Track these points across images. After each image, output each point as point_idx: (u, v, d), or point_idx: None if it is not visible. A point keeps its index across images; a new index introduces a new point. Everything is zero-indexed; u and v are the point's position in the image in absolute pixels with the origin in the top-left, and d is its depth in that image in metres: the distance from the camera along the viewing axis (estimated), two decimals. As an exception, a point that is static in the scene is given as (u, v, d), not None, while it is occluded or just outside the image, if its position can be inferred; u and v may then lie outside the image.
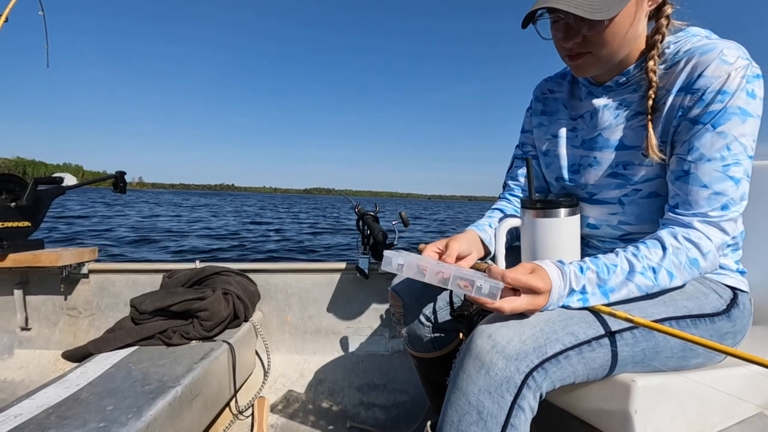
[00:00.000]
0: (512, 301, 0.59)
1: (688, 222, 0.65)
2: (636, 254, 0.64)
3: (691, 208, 0.65)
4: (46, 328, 1.53)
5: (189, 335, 1.17)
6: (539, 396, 0.60)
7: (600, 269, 0.63)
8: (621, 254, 0.65)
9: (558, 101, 0.89)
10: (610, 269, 0.63)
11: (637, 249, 0.65)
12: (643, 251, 0.64)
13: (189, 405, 0.95)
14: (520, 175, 0.98)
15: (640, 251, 0.64)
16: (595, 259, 0.64)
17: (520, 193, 0.97)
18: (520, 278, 0.59)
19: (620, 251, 0.65)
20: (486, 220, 0.92)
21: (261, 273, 1.54)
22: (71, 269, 1.49)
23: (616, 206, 0.76)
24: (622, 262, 0.64)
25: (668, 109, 0.68)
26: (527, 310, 0.61)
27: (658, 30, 0.70)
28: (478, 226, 0.89)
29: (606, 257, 0.65)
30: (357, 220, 1.56)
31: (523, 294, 0.60)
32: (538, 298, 0.60)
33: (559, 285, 0.62)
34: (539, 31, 0.72)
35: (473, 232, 0.85)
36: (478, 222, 0.91)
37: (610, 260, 0.64)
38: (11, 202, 1.37)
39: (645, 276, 0.63)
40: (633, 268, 0.63)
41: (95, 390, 0.90)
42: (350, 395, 1.41)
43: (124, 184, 1.69)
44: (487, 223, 0.91)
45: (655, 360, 0.66)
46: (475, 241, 0.84)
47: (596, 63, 0.71)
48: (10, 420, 0.78)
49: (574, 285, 0.62)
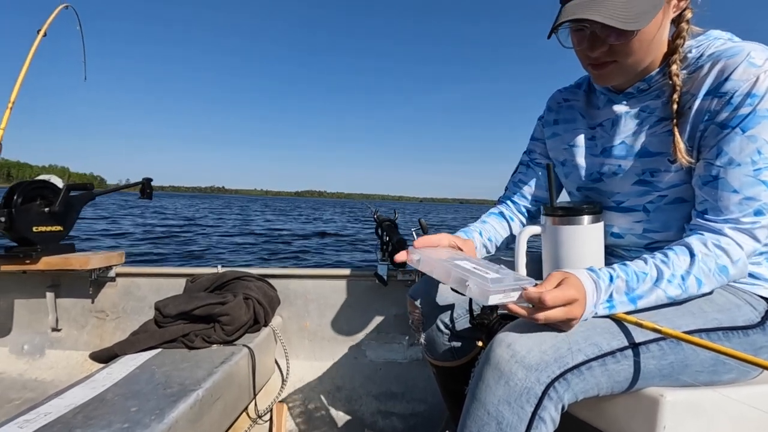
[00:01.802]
0: (546, 313, 0.57)
1: (719, 228, 0.63)
2: (665, 261, 0.62)
3: (722, 214, 0.63)
4: (75, 330, 1.58)
5: (210, 339, 1.19)
6: (561, 408, 0.59)
7: (629, 277, 0.61)
8: (650, 261, 0.63)
9: (574, 110, 0.87)
10: (639, 277, 0.61)
11: (666, 256, 0.63)
12: (672, 258, 0.62)
13: (209, 408, 0.96)
14: (522, 181, 0.97)
15: (669, 259, 0.62)
16: (624, 267, 0.63)
17: (519, 200, 0.96)
18: (557, 295, 0.56)
19: (649, 258, 0.64)
20: (477, 226, 0.91)
21: (281, 278, 1.55)
22: (99, 272, 1.54)
23: (640, 213, 0.75)
24: (651, 270, 0.62)
25: (694, 113, 0.66)
26: (564, 320, 0.58)
27: (679, 34, 0.69)
28: (466, 232, 0.87)
29: (635, 264, 0.63)
30: (376, 227, 1.56)
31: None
32: (574, 308, 0.58)
33: (592, 293, 0.60)
34: (560, 40, 0.71)
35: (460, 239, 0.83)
36: (469, 227, 0.89)
37: (639, 268, 0.62)
38: (45, 207, 1.43)
39: (673, 284, 0.61)
40: (661, 276, 0.61)
41: (120, 391, 0.92)
42: (368, 403, 1.41)
43: (151, 190, 1.75)
44: (477, 230, 0.89)
45: (683, 374, 0.63)
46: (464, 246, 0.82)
47: (621, 72, 0.70)
48: (41, 418, 0.81)
49: (604, 294, 0.61)
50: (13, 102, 1.39)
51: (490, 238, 0.91)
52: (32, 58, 1.46)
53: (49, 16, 1.52)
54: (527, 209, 0.97)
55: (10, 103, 1.38)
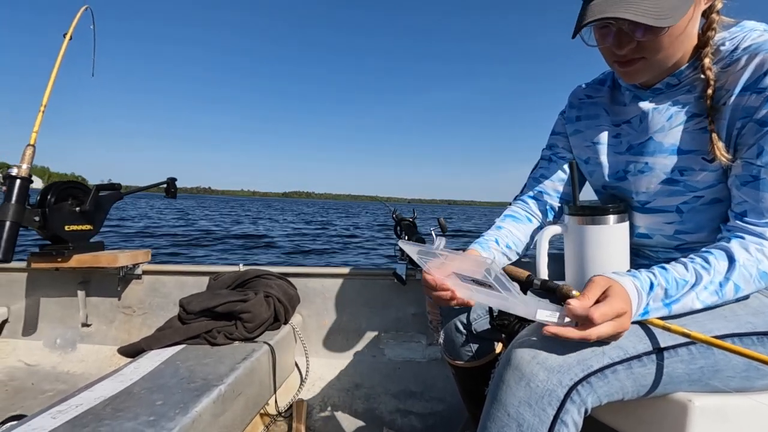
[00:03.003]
0: (596, 330, 0.53)
1: (760, 232, 0.60)
2: (706, 267, 0.59)
3: (764, 216, 0.60)
4: (104, 325, 1.63)
5: (232, 336, 1.22)
6: (584, 411, 0.57)
7: (669, 285, 0.58)
8: (690, 267, 0.60)
9: (598, 106, 0.84)
10: (678, 284, 0.59)
11: (707, 262, 0.60)
12: (713, 264, 0.59)
13: (231, 404, 0.98)
14: (544, 176, 0.92)
15: (710, 264, 0.59)
16: (665, 272, 0.59)
17: (541, 197, 0.91)
18: (606, 312, 0.53)
19: (689, 263, 0.60)
20: (492, 234, 0.86)
21: (301, 277, 1.57)
22: (127, 270, 1.60)
23: (673, 215, 0.72)
24: (690, 276, 0.59)
25: (731, 109, 0.63)
26: (614, 335, 0.55)
27: (710, 26, 0.65)
28: (481, 243, 0.83)
29: (675, 269, 0.60)
30: (394, 226, 1.56)
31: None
32: (624, 320, 0.54)
33: (635, 302, 0.57)
34: (584, 39, 0.68)
35: (475, 252, 0.80)
36: (483, 237, 0.85)
37: (680, 274, 0.59)
38: (76, 207, 1.48)
39: (709, 290, 0.58)
40: (699, 282, 0.58)
41: (146, 385, 0.95)
42: (387, 401, 1.41)
43: (175, 189, 1.80)
44: (493, 238, 0.84)
45: (714, 379, 0.61)
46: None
47: (649, 69, 0.67)
48: (72, 410, 0.84)
49: (644, 302, 0.58)
50: (45, 105, 1.44)
51: (509, 244, 0.85)
52: (61, 61, 1.51)
53: (73, 19, 1.57)
54: (551, 206, 0.92)
55: (42, 107, 1.44)
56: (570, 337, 0.54)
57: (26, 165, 1.35)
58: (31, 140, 1.39)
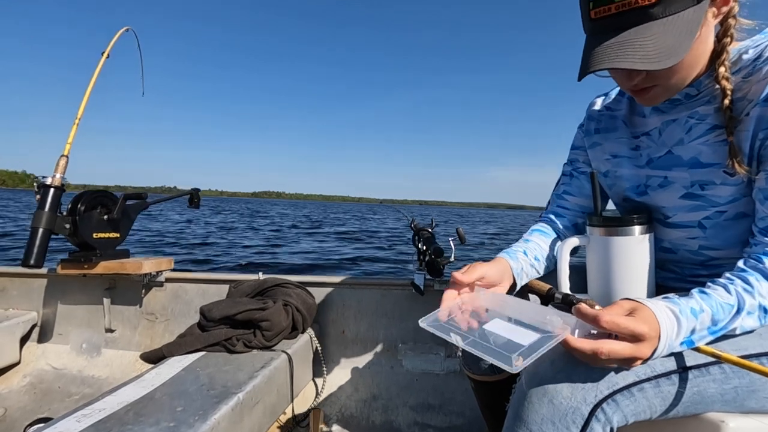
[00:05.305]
0: (610, 343, 0.50)
1: None
2: (749, 291, 0.56)
3: None
4: (128, 331, 1.67)
5: (251, 344, 1.23)
6: (610, 430, 0.55)
7: (715, 311, 0.54)
8: (733, 290, 0.56)
9: (617, 118, 0.82)
10: (723, 309, 0.55)
11: (749, 284, 0.56)
12: (756, 287, 0.56)
13: (249, 411, 0.99)
14: (567, 192, 0.91)
15: (753, 288, 0.56)
16: (707, 297, 0.55)
17: (565, 213, 0.91)
18: (619, 322, 0.50)
19: (731, 286, 0.56)
20: (521, 246, 0.84)
21: (319, 286, 1.58)
22: (151, 277, 1.64)
23: (695, 230, 0.69)
24: (734, 301, 0.55)
25: (754, 120, 0.60)
26: (628, 358, 0.51)
27: (726, 32, 0.62)
28: (509, 253, 0.81)
29: (718, 294, 0.56)
30: (413, 235, 1.56)
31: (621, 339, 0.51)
32: (642, 347, 0.50)
33: (671, 331, 0.52)
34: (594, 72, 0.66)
35: (504, 260, 0.78)
36: (512, 248, 0.83)
37: (724, 299, 0.55)
38: (104, 215, 1.53)
39: (752, 315, 0.55)
40: (742, 307, 0.55)
41: (167, 391, 0.97)
42: (404, 414, 1.39)
43: (198, 199, 1.84)
44: (521, 249, 0.83)
45: (749, 400, 0.58)
46: (506, 270, 0.76)
47: (666, 92, 0.65)
48: (96, 413, 0.86)
49: (686, 331, 0.54)
50: (79, 118, 1.51)
51: (537, 257, 0.84)
52: (97, 77, 1.58)
53: (112, 39, 1.65)
54: (574, 223, 0.91)
55: (76, 119, 1.50)
56: (579, 348, 0.51)
57: (59, 174, 1.40)
58: (65, 151, 1.45)
